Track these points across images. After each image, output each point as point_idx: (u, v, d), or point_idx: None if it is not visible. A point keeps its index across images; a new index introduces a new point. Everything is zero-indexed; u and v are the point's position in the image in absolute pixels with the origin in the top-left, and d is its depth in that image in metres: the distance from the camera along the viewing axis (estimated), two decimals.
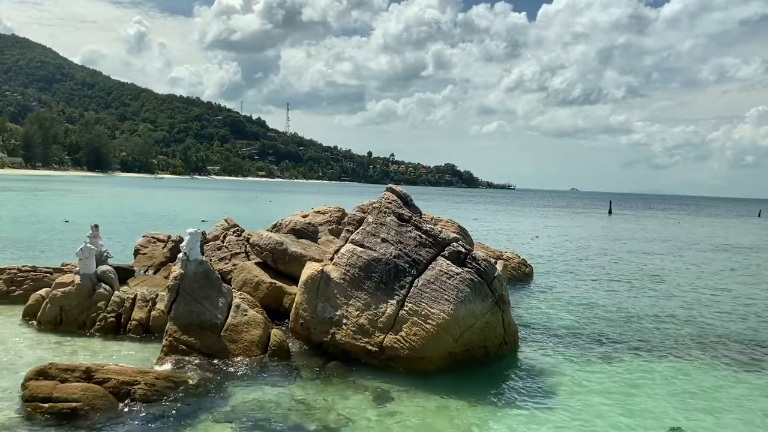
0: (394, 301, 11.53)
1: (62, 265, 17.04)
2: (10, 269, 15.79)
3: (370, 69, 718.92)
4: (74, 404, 8.62)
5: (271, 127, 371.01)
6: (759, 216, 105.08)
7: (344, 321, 11.70)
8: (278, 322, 13.43)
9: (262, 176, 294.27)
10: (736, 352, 13.87)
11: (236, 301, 12.03)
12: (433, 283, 11.53)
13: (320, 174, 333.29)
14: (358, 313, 11.68)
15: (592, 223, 66.91)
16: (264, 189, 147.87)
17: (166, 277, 14.62)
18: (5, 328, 12.83)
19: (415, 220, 12.73)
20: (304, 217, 18.58)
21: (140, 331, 12.81)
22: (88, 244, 14.20)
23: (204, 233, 17.29)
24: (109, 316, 12.96)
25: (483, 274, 11.81)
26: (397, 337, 11.19)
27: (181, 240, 14.56)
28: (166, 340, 11.12)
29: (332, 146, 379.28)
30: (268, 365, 11.04)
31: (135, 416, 8.72)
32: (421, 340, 11.01)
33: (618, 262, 30.33)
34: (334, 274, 12.19)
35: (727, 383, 11.66)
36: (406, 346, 11.06)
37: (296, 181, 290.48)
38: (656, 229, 60.88)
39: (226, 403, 9.38)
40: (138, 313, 13.06)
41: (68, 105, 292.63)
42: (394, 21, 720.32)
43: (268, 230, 16.81)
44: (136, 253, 19.22)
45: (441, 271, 11.68)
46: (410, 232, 12.45)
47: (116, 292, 13.53)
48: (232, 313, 11.69)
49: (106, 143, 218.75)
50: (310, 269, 12.54)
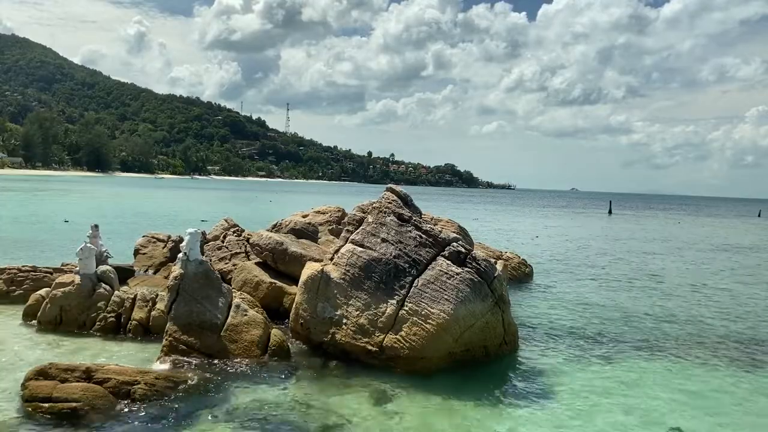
0: (394, 301, 11.53)
1: (62, 265, 17.04)
2: (10, 269, 15.78)
3: (370, 69, 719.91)
4: (74, 404, 8.63)
5: (271, 127, 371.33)
6: (759, 216, 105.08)
7: (344, 321, 11.70)
8: (278, 322, 13.42)
9: (262, 176, 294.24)
10: (736, 352, 13.86)
11: (236, 301, 12.03)
12: (433, 283, 11.52)
13: (320, 174, 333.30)
14: (358, 313, 11.67)
15: (592, 223, 66.91)
16: (264, 189, 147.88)
17: (166, 277, 14.62)
18: (5, 328, 12.82)
19: (415, 220, 12.73)
20: (304, 217, 18.58)
21: (140, 331, 12.80)
22: (88, 244, 14.19)
23: (204, 233, 17.29)
24: (109, 316, 12.96)
25: (483, 274, 11.81)
26: (397, 337, 11.19)
27: (181, 240, 14.56)
28: (166, 340, 11.12)
29: (332, 146, 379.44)
30: (268, 365, 11.03)
31: (135, 416, 8.72)
32: (421, 340, 11.01)
33: (618, 262, 30.32)
34: (334, 274, 12.19)
35: (727, 383, 11.66)
36: (406, 346, 11.06)
37: (296, 181, 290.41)
38: (656, 229, 60.88)
39: (226, 403, 9.38)
40: (138, 313, 13.05)
41: (68, 105, 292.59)
42: (394, 21, 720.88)
43: (268, 230, 16.80)
44: (136, 253, 19.24)
45: (441, 271, 11.68)
46: (410, 232, 12.45)
47: (116, 292, 13.52)
48: (232, 313, 11.69)
49: (106, 143, 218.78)
50: (310, 269, 12.54)
